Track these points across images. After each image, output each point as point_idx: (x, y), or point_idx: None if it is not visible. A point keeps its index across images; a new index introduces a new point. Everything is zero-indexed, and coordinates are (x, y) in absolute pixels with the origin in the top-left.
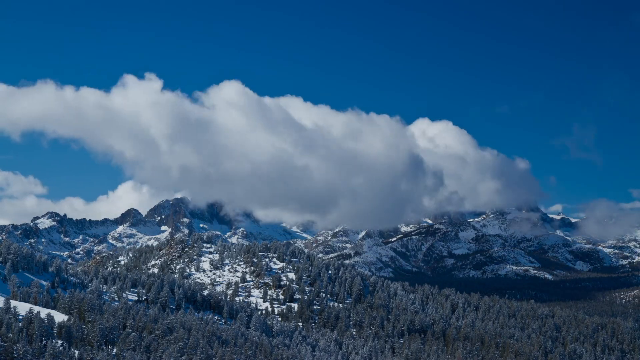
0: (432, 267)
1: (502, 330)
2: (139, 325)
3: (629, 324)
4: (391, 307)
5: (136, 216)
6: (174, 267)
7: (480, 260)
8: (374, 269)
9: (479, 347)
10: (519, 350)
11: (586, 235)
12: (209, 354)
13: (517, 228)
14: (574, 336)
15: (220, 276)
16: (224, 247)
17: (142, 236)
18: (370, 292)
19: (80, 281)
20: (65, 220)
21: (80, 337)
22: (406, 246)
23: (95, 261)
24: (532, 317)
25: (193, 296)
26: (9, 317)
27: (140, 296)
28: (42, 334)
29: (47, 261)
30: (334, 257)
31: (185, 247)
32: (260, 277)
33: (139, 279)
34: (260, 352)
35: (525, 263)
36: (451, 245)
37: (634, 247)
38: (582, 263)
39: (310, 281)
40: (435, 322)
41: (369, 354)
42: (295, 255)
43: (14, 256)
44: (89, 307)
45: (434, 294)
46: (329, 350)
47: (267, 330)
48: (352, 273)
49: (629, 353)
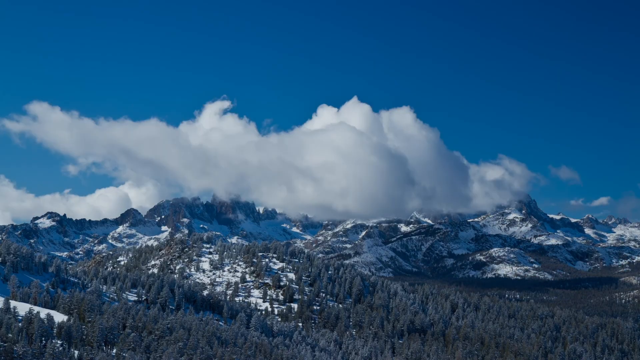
0: (432, 267)
1: (502, 330)
2: (139, 325)
3: (629, 324)
4: (391, 307)
5: (136, 216)
6: (173, 267)
7: (480, 260)
8: (373, 269)
9: (478, 347)
10: (518, 350)
11: (586, 235)
12: (208, 354)
13: (517, 228)
14: (573, 336)
15: (220, 276)
16: (224, 247)
17: (142, 236)
18: (370, 292)
19: (80, 281)
20: (65, 221)
21: (80, 337)
22: (406, 246)
23: (95, 261)
24: (531, 317)
25: (193, 296)
26: (9, 317)
27: (140, 296)
28: (42, 334)
29: (46, 261)
30: (334, 257)
31: (185, 247)
32: (260, 277)
33: (139, 279)
34: (260, 352)
35: (525, 263)
36: (451, 245)
37: (634, 247)
38: (582, 263)
39: (310, 281)
40: (435, 322)
41: (368, 354)
42: (295, 255)
43: (14, 256)
44: (88, 307)
45: (434, 294)
46: (329, 351)
47: (266, 330)
48: (351, 273)
49: (628, 353)
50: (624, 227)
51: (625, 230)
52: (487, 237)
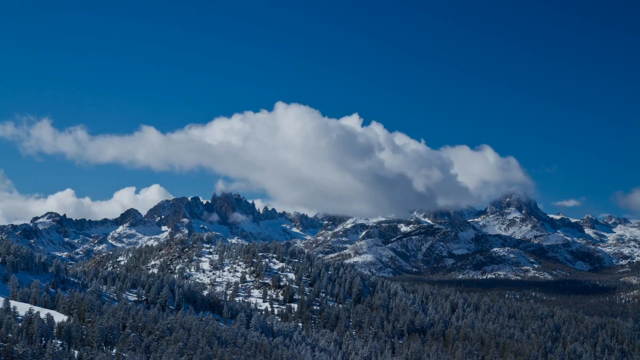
0: (432, 267)
1: (502, 330)
2: (139, 325)
3: (629, 324)
4: (391, 307)
5: (136, 216)
6: (173, 267)
7: (480, 260)
8: (373, 269)
9: (478, 347)
10: (518, 350)
11: (586, 235)
12: (208, 354)
13: (517, 228)
14: (573, 336)
15: (220, 276)
16: (224, 247)
17: (141, 236)
18: (370, 292)
19: (80, 281)
20: (65, 221)
21: (80, 338)
22: (406, 246)
23: (94, 261)
24: (531, 317)
25: (193, 296)
26: (9, 317)
27: (140, 296)
28: (42, 334)
29: (46, 261)
30: (334, 257)
31: (185, 248)
32: (260, 277)
33: (139, 279)
34: (260, 352)
35: (525, 263)
36: (451, 245)
37: (634, 247)
38: (582, 263)
39: (310, 281)
40: (435, 322)
41: (368, 354)
42: (295, 255)
43: (14, 256)
44: (88, 307)
45: (434, 294)
46: (329, 351)
47: (266, 330)
48: (351, 273)
49: (628, 353)
50: (624, 227)
51: (625, 230)
52: (487, 237)
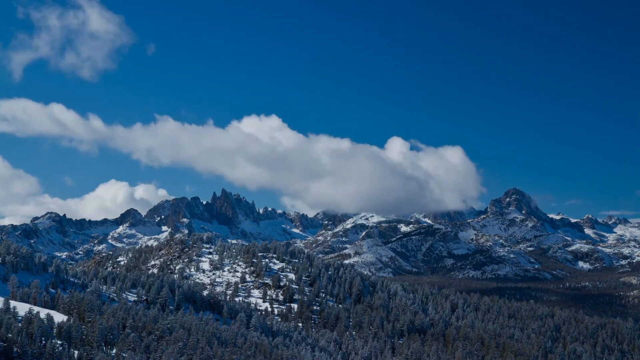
0: (431, 267)
1: (502, 330)
2: (139, 325)
3: (629, 324)
4: (391, 307)
5: (136, 216)
6: (173, 268)
7: (480, 260)
8: (373, 269)
9: (478, 347)
10: (518, 351)
11: (586, 235)
12: (208, 354)
13: (516, 228)
14: (573, 336)
15: (220, 276)
16: (224, 247)
17: (141, 236)
18: (370, 292)
19: (80, 281)
20: (65, 221)
21: (80, 338)
22: (406, 246)
23: (94, 261)
24: (531, 317)
25: (193, 296)
26: (9, 317)
27: (140, 296)
28: (42, 334)
29: (46, 261)
30: (334, 257)
31: (185, 248)
32: (260, 277)
33: (139, 279)
34: (260, 352)
35: (525, 263)
36: (451, 245)
37: (634, 247)
38: (582, 263)
39: (310, 281)
40: (435, 322)
41: (368, 354)
42: (295, 255)
43: (14, 256)
44: (88, 307)
45: (434, 294)
46: (329, 351)
47: (266, 330)
48: (351, 273)
49: (628, 353)
50: (624, 227)
51: (625, 230)
52: (487, 237)
